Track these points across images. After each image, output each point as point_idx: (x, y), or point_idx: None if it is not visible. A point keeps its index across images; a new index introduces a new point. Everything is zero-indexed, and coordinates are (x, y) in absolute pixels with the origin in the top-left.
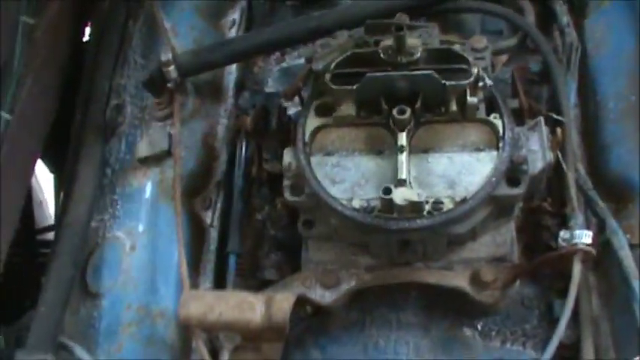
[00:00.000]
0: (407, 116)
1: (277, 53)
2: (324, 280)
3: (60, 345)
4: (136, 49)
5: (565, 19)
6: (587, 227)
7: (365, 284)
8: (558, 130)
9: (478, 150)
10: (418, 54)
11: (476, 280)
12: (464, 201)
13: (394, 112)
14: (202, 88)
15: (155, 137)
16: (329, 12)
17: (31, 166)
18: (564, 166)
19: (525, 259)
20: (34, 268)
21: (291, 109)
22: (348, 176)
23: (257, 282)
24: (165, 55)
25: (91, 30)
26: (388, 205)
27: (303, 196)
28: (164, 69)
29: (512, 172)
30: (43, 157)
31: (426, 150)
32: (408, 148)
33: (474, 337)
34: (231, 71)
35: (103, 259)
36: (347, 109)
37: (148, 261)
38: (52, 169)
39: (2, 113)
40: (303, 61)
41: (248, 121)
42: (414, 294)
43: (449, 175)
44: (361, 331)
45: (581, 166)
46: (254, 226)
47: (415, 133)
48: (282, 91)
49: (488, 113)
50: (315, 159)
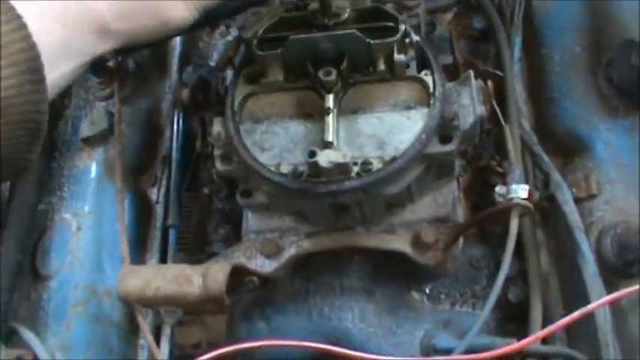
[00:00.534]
0: (333, 78)
1: (222, 27)
2: (264, 249)
3: (11, 330)
4: None
5: None
6: (533, 183)
7: (305, 251)
8: (489, 82)
9: (409, 108)
10: (346, 14)
11: (417, 241)
12: (393, 160)
13: (320, 74)
14: (146, 65)
15: (96, 117)
16: None
17: None
18: (501, 120)
19: None
20: None
21: (229, 79)
22: (277, 142)
23: (206, 256)
24: None
25: None
26: (314, 168)
27: (233, 165)
28: None
29: (444, 129)
30: None
31: (355, 111)
32: (335, 110)
33: (421, 301)
34: (175, 47)
35: (52, 242)
36: (275, 75)
37: (93, 240)
38: None
39: None
40: None
41: (185, 93)
42: (357, 259)
43: (379, 134)
44: (305, 300)
45: (525, 121)
46: (201, 199)
47: (345, 95)
48: (216, 63)
49: (420, 71)
50: (244, 127)
